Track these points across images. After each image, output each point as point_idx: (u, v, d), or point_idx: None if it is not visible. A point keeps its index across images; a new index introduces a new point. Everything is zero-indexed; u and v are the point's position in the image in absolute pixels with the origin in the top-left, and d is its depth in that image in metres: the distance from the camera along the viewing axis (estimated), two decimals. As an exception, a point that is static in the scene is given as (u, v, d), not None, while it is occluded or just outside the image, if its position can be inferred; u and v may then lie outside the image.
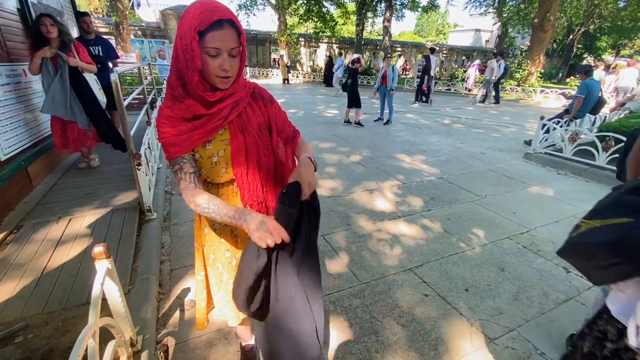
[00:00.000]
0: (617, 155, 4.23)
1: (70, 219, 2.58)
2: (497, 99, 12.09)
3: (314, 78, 20.05)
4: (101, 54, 3.96)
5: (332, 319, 1.85)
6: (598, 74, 7.08)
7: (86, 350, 1.00)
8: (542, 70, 18.68)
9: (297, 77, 20.69)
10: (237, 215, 0.84)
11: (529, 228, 2.99)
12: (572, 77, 19.10)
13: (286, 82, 18.13)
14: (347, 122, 7.45)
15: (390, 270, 2.31)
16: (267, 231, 0.78)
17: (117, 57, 4.35)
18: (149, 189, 2.81)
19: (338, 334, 1.76)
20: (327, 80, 16.70)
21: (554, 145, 5.27)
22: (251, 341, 1.54)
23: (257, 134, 1.02)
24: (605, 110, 6.43)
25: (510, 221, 3.12)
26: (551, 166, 4.93)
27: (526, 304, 2.04)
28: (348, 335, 1.75)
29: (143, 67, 6.02)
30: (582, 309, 2.02)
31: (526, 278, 2.29)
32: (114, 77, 2.14)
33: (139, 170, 2.45)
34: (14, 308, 1.70)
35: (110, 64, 3.94)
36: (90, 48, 3.77)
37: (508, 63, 14.33)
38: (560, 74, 25.59)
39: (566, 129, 5.01)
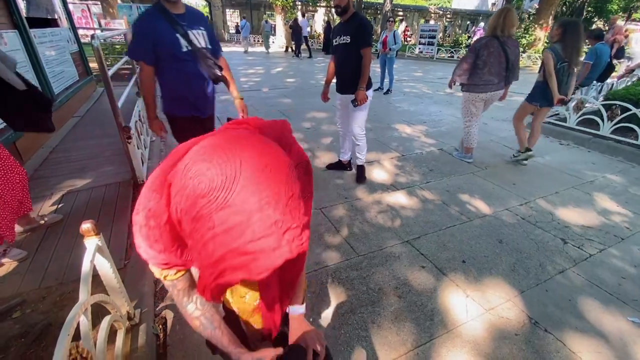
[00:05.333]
0: (622, 124, 4.15)
1: (63, 194, 2.54)
2: None
3: (311, 45, 19.22)
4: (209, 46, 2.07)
5: (328, 291, 1.86)
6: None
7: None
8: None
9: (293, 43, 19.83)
10: (234, 353, 0.74)
11: (529, 199, 2.97)
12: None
13: (290, 49, 16.63)
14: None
15: (388, 242, 2.31)
16: None
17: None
18: (142, 162, 2.74)
19: (334, 305, 1.77)
20: (326, 48, 16.03)
21: (558, 114, 5.14)
22: None
23: None
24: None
25: (510, 192, 3.09)
26: (554, 136, 4.83)
27: (522, 274, 2.06)
28: (345, 307, 1.77)
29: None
30: (578, 279, 2.03)
31: (523, 249, 2.29)
32: (95, 43, 2.00)
33: (129, 144, 2.37)
34: (10, 284, 1.70)
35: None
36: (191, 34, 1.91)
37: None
38: (625, 41, 24.53)
39: (571, 98, 4.85)
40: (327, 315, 1.72)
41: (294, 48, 15.59)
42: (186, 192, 0.42)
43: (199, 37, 1.93)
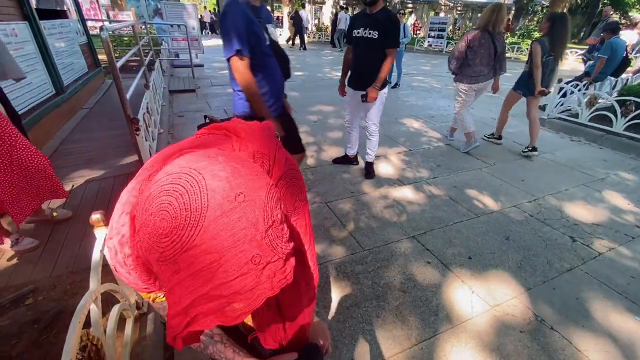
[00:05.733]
0: (636, 121, 4.05)
1: (73, 185, 2.58)
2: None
3: (319, 38, 19.07)
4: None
5: (333, 285, 1.87)
6: (629, 35, 6.50)
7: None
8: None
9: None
10: None
11: (537, 196, 2.93)
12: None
13: (293, 43, 16.29)
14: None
15: (393, 237, 2.30)
16: None
17: None
18: (149, 154, 2.76)
19: (339, 299, 1.79)
20: (334, 40, 15.87)
21: (570, 110, 5.04)
22: None
23: None
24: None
25: (518, 189, 3.05)
26: (565, 132, 4.75)
27: (529, 272, 2.04)
28: (349, 300, 1.78)
29: (140, 26, 5.72)
30: (586, 278, 2.01)
31: (531, 247, 2.27)
32: (104, 34, 2.00)
33: (137, 135, 2.39)
34: (22, 272, 1.74)
35: None
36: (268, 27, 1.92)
37: (527, 20, 13.36)
38: (582, 33, 23.94)
39: (584, 93, 4.75)
40: (331, 309, 1.73)
41: (297, 41, 15.40)
42: (148, 230, 0.36)
43: (273, 32, 1.85)
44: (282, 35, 19.40)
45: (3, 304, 1.51)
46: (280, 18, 21.41)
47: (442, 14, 26.34)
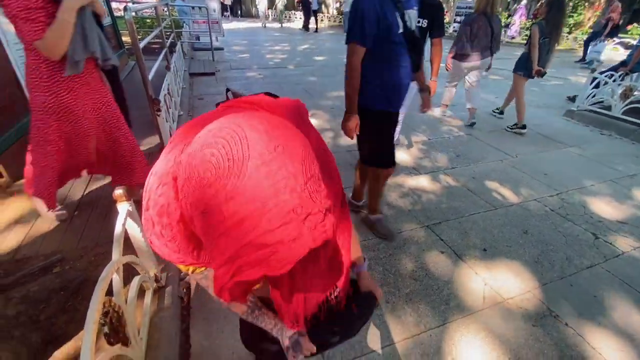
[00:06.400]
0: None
1: (97, 162, 2.67)
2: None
3: (340, 22, 18.65)
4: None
5: (345, 269, 1.89)
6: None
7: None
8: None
9: (322, 20, 19.32)
10: (275, 329, 0.77)
11: (560, 191, 2.83)
12: (634, 25, 16.66)
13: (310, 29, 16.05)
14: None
15: (407, 226, 2.29)
16: (300, 351, 0.75)
17: None
18: (169, 134, 2.83)
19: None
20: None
21: (602, 102, 4.77)
22: None
23: None
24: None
25: (540, 182, 2.95)
26: (595, 125, 4.51)
27: (547, 267, 1.99)
28: (360, 285, 1.79)
29: (163, 8, 5.75)
30: (607, 276, 1.95)
31: (550, 241, 2.21)
32: (128, 15, 2.03)
33: (158, 116, 2.44)
34: (51, 242, 1.85)
35: None
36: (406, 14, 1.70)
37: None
38: (621, 21, 22.30)
39: (619, 84, 4.48)
40: (342, 292, 1.75)
41: (311, 25, 15.30)
42: (192, 183, 0.37)
43: (412, 19, 1.66)
44: (299, 19, 19.15)
45: (33, 271, 1.61)
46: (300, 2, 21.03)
47: (470, -2, 25.10)
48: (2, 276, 1.57)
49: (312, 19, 15.56)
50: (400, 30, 1.60)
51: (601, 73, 4.72)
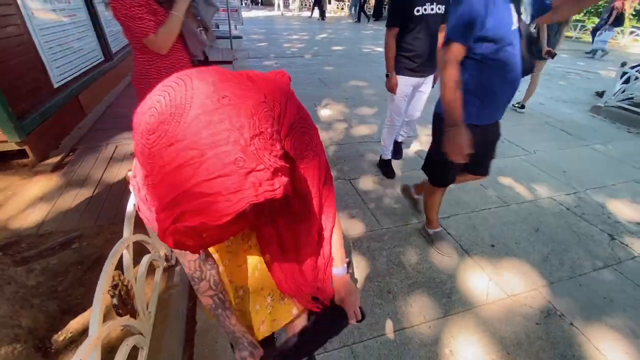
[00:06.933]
0: None
1: (116, 146, 2.79)
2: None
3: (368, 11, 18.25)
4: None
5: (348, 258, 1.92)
6: None
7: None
8: (637, 7, 15.22)
9: (342, 9, 19.00)
10: (232, 335, 0.77)
11: (578, 189, 2.73)
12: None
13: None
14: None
15: (414, 219, 2.28)
16: None
17: None
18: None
19: (352, 271, 1.83)
20: (377, 13, 15.16)
21: (632, 98, 4.52)
22: None
23: None
24: None
25: (558, 180, 2.86)
26: (622, 122, 4.29)
27: (556, 266, 1.95)
28: (362, 275, 1.82)
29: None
30: (619, 278, 1.89)
31: (562, 241, 2.15)
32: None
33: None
34: (71, 219, 1.96)
35: None
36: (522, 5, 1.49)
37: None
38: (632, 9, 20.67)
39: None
40: (344, 280, 1.78)
41: (315, 13, 15.43)
42: (140, 129, 0.38)
43: (528, 9, 1.37)
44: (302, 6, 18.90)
45: (53, 246, 1.72)
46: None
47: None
48: (25, 249, 1.68)
49: (317, 10, 15.41)
50: (515, 27, 1.31)
51: (632, 67, 4.47)
